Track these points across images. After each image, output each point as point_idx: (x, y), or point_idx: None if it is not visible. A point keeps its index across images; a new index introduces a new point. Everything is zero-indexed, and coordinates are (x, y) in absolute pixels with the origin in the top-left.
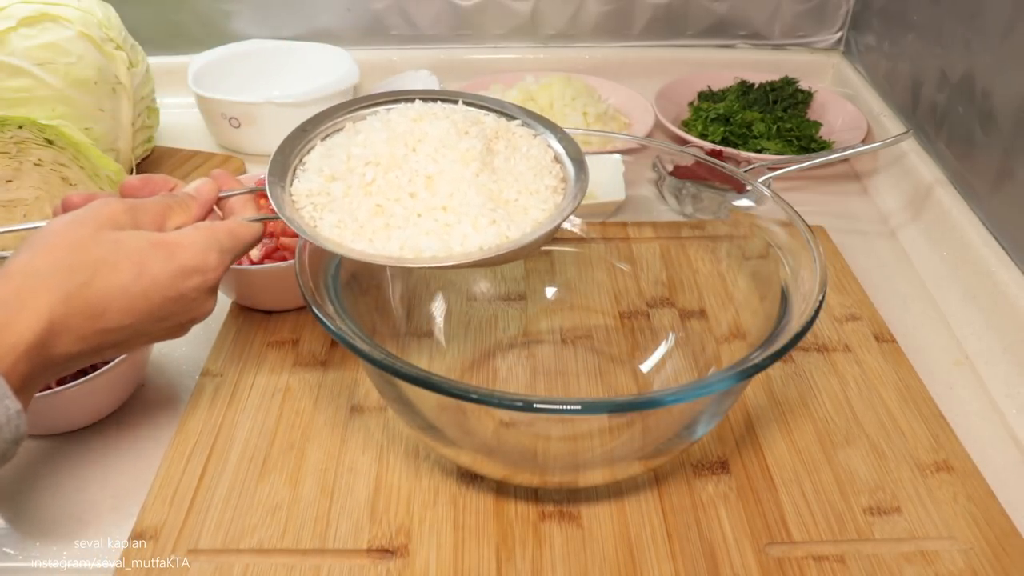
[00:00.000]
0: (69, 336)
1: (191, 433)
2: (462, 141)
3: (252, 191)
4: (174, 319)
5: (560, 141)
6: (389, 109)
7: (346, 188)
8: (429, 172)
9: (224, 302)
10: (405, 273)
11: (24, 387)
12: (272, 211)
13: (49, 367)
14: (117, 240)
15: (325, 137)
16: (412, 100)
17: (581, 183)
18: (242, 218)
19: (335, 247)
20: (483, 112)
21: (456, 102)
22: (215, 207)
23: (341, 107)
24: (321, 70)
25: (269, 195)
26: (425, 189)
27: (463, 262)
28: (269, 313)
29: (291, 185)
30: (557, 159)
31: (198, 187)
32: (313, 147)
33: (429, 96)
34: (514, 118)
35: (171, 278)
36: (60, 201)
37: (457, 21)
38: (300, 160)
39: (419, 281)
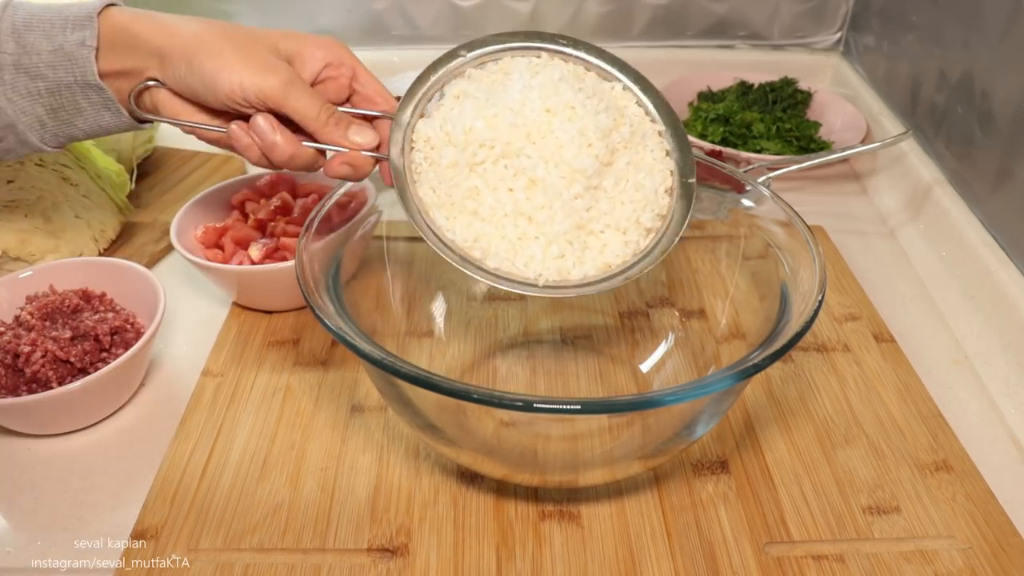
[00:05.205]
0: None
1: (192, 433)
2: (581, 154)
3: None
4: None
5: (683, 175)
6: (537, 74)
7: (455, 157)
8: (535, 176)
9: (224, 302)
10: (405, 271)
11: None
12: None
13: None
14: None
15: (480, 65)
16: (580, 53)
17: (666, 241)
18: (305, 143)
19: (417, 218)
20: (634, 100)
21: (621, 79)
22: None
23: (506, 37)
24: None
25: (392, 128)
26: (524, 190)
27: (513, 290)
28: (269, 313)
29: (420, 117)
30: (670, 192)
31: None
32: (464, 73)
33: (600, 58)
34: (656, 121)
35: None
36: None
37: (457, 21)
38: (441, 89)
39: (419, 281)
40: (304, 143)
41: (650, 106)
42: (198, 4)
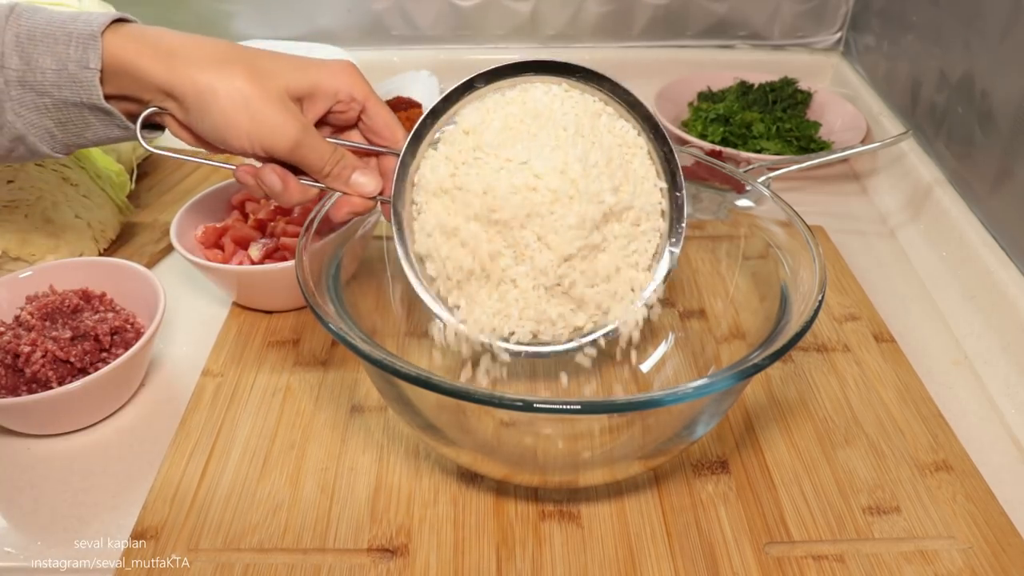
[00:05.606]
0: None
1: (192, 433)
2: (576, 240)
3: (373, 151)
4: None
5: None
6: (548, 124)
7: (452, 217)
8: (525, 250)
9: (224, 302)
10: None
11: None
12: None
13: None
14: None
15: (497, 90)
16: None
17: (624, 327)
18: (302, 180)
19: (408, 270)
20: (644, 149)
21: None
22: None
23: (527, 66)
24: None
25: (394, 179)
26: (512, 256)
27: (484, 345)
28: (269, 313)
29: (424, 158)
30: (658, 256)
31: (359, 173)
32: (475, 101)
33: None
34: (676, 188)
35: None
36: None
37: (457, 21)
38: (451, 121)
39: None
40: (306, 183)
41: (655, 155)
42: (198, 4)
